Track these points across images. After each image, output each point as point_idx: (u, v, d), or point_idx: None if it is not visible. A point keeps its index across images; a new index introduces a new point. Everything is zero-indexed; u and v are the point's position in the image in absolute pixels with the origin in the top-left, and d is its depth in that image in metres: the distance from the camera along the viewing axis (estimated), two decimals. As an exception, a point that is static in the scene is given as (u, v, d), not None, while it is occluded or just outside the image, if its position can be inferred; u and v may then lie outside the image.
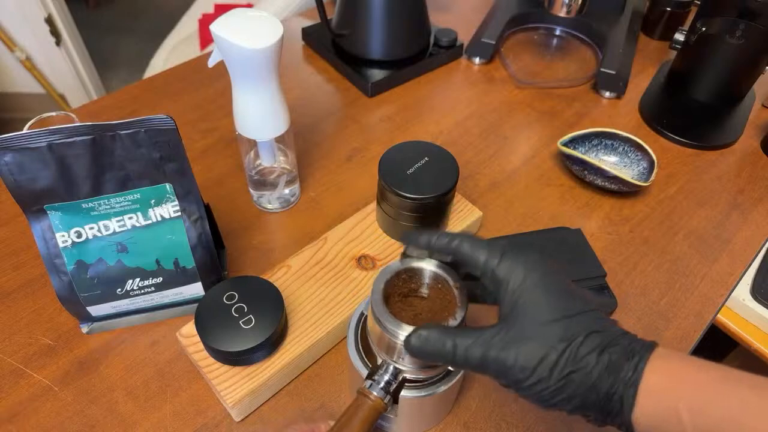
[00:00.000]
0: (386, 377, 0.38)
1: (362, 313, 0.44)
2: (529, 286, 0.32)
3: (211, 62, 0.51)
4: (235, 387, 0.45)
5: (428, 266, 0.39)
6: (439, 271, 0.39)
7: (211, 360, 0.47)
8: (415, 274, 0.40)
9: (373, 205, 0.59)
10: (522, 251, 0.34)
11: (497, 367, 0.31)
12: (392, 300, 0.39)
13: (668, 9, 0.89)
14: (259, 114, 0.52)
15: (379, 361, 0.39)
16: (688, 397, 0.28)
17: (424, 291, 0.41)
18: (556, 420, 0.48)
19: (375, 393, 0.37)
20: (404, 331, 0.36)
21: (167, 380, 0.49)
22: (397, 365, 0.38)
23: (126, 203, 0.47)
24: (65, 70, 1.75)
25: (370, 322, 0.39)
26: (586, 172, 0.65)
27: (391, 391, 0.38)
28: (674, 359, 0.30)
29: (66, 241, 0.46)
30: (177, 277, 0.50)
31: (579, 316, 0.31)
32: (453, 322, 0.36)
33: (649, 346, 0.31)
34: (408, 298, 0.41)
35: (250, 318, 0.46)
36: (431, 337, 0.34)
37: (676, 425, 0.28)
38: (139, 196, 0.47)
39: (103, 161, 0.44)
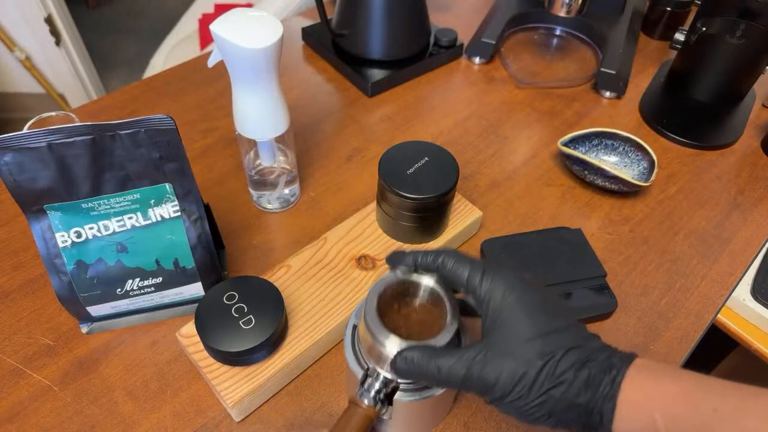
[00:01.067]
0: (377, 385, 0.38)
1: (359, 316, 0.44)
2: (508, 304, 0.33)
3: (211, 62, 0.51)
4: (235, 387, 0.45)
5: (423, 279, 0.40)
6: (434, 285, 0.39)
7: (211, 360, 0.47)
8: (409, 286, 0.40)
9: (373, 205, 0.59)
10: (503, 270, 0.35)
11: (479, 386, 0.32)
12: (385, 311, 0.40)
13: (668, 9, 0.89)
14: (258, 114, 0.52)
15: (371, 369, 0.39)
16: (664, 408, 0.29)
17: (418, 303, 0.41)
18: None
19: (366, 402, 0.37)
20: (394, 344, 0.36)
21: (167, 380, 0.49)
22: (387, 374, 0.38)
23: (126, 203, 0.47)
24: (65, 70, 1.75)
25: (362, 331, 0.39)
26: (586, 172, 0.65)
27: (382, 398, 0.38)
28: (651, 371, 0.31)
29: (66, 241, 0.46)
30: (177, 277, 0.50)
31: (557, 332, 0.32)
32: (443, 336, 0.37)
33: (628, 359, 0.31)
34: (401, 310, 0.41)
35: (250, 318, 0.46)
36: (415, 358, 0.35)
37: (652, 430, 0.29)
38: (138, 196, 0.47)
39: (103, 161, 0.44)
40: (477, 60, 0.85)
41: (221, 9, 1.55)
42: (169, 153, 0.45)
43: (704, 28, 0.73)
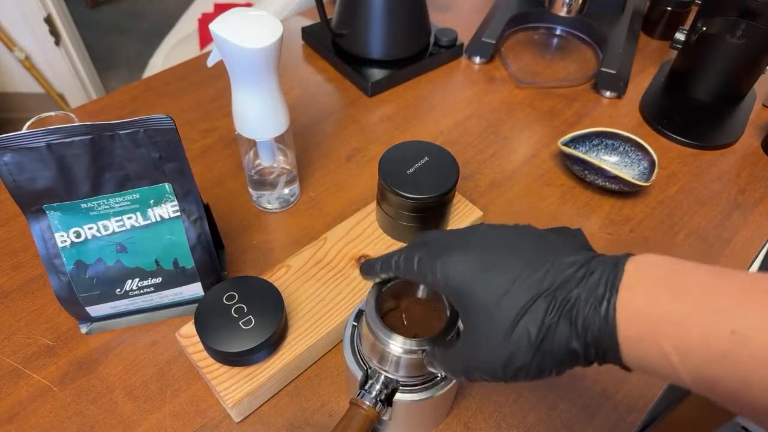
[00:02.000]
0: (378, 386, 0.38)
1: (358, 316, 0.44)
2: (460, 283, 0.31)
3: (211, 62, 0.51)
4: (234, 387, 0.45)
5: None
6: None
7: (211, 360, 0.47)
8: (406, 283, 0.40)
9: (373, 205, 0.59)
10: (442, 250, 0.32)
11: (483, 375, 0.31)
12: (386, 310, 0.40)
13: (669, 8, 0.89)
14: (258, 114, 0.52)
15: (372, 370, 0.39)
16: (671, 338, 0.25)
17: (417, 299, 0.41)
18: (556, 420, 0.48)
19: (368, 403, 0.37)
20: (397, 342, 0.36)
21: (167, 380, 0.49)
22: (389, 374, 0.38)
23: (125, 203, 0.47)
24: (64, 70, 1.75)
25: (364, 332, 0.39)
26: (586, 172, 0.65)
27: (383, 398, 0.38)
28: (648, 291, 0.26)
29: (65, 241, 0.46)
30: (176, 277, 0.50)
31: (514, 289, 0.29)
32: (445, 330, 0.37)
33: (613, 278, 0.27)
34: (401, 308, 0.41)
35: (250, 318, 0.46)
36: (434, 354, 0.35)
37: (669, 368, 0.26)
38: (138, 196, 0.47)
39: (102, 161, 0.44)
40: (477, 60, 0.85)
41: (221, 8, 1.55)
42: (168, 153, 0.45)
43: (704, 28, 0.73)
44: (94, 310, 0.50)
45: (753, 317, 0.23)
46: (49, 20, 1.62)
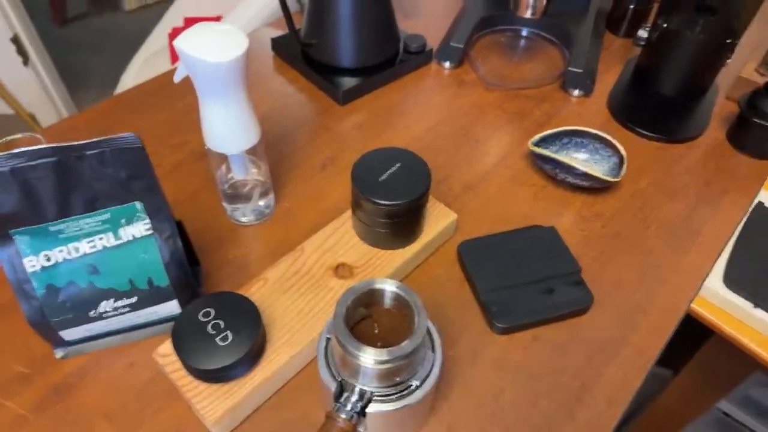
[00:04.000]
0: (353, 398, 0.38)
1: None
2: None
3: (177, 77, 0.51)
4: (214, 405, 0.45)
5: (386, 285, 0.40)
6: (397, 289, 0.40)
7: (190, 378, 0.46)
8: (374, 294, 0.41)
9: (349, 213, 0.59)
10: None
11: None
12: (355, 323, 0.40)
13: (631, 6, 0.91)
14: (228, 127, 0.52)
15: (345, 382, 0.39)
16: None
17: (385, 309, 0.42)
18: (538, 417, 0.49)
19: (343, 416, 0.37)
20: (367, 354, 0.36)
21: (146, 401, 0.49)
22: (363, 387, 0.38)
23: (95, 224, 0.46)
24: (34, 90, 1.72)
25: (335, 346, 0.39)
26: (557, 171, 0.66)
27: (359, 410, 0.38)
28: None
29: (34, 265, 0.45)
30: (151, 296, 0.50)
31: None
32: (413, 339, 0.37)
33: None
34: (370, 319, 0.41)
35: (227, 334, 0.46)
36: None
37: None
38: (108, 216, 0.46)
39: (69, 183, 0.43)
40: (447, 64, 0.86)
41: (190, 22, 1.54)
42: (136, 171, 0.45)
43: (665, 25, 0.75)
44: (68, 334, 0.49)
45: None
46: (15, 40, 1.59)
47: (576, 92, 0.82)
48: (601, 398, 0.50)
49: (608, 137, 0.68)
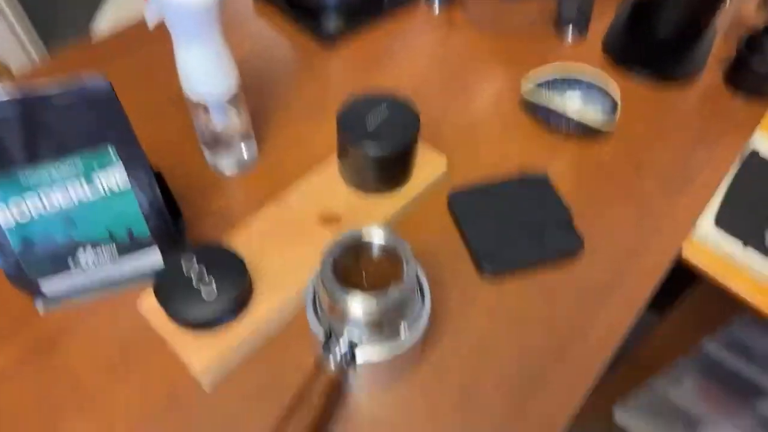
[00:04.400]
0: (342, 346, 0.38)
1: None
2: None
3: (150, 21, 0.47)
4: (201, 354, 0.44)
5: (374, 237, 0.39)
6: (386, 236, 0.39)
7: (176, 329, 0.45)
8: (362, 246, 0.40)
9: (335, 157, 0.57)
10: None
11: None
12: (343, 272, 0.39)
13: (629, -58, 0.87)
14: (205, 73, 0.49)
15: (334, 329, 0.39)
16: None
17: (374, 260, 0.41)
18: (529, 361, 0.49)
19: (331, 364, 0.37)
20: (355, 301, 0.35)
21: (132, 353, 0.48)
22: (351, 334, 0.38)
23: (67, 172, 0.44)
24: (5, 39, 1.65)
25: (321, 293, 0.38)
26: (550, 117, 0.64)
27: (348, 358, 0.38)
28: None
29: (8, 218, 0.43)
30: (132, 247, 0.48)
31: None
32: (402, 284, 0.36)
33: None
34: (358, 269, 0.40)
35: (212, 284, 0.44)
36: None
37: None
38: (80, 164, 0.44)
39: (36, 129, 0.41)
40: (436, 4, 0.82)
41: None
42: (108, 116, 0.42)
43: (665, -40, 0.71)
44: (48, 288, 0.48)
45: None
46: (-20, -15, 1.50)
47: (570, 34, 0.79)
48: (592, 340, 0.50)
49: (603, 81, 0.66)
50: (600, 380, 0.49)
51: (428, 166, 0.58)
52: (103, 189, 0.45)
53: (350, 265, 0.40)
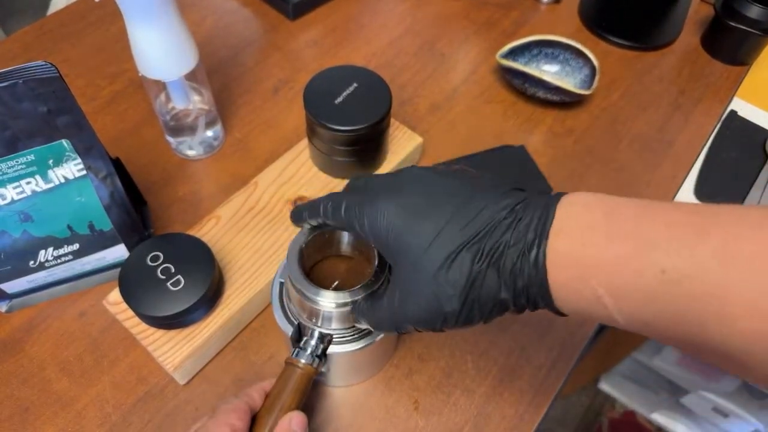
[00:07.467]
0: (312, 342, 0.37)
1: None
2: (387, 230, 0.29)
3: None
4: (173, 351, 0.43)
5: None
6: None
7: (145, 326, 0.44)
8: (329, 235, 0.38)
9: (306, 141, 0.55)
10: (374, 197, 0.30)
11: (411, 326, 0.30)
12: (311, 265, 0.37)
13: None
14: (160, 50, 0.46)
15: (304, 326, 0.37)
16: (602, 279, 0.24)
17: (343, 250, 0.39)
18: (509, 341, 0.48)
19: (303, 360, 0.36)
20: (325, 297, 0.34)
21: (102, 351, 0.46)
22: (322, 329, 0.36)
23: (19, 167, 0.41)
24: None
25: (290, 289, 0.37)
26: (527, 85, 0.62)
27: (320, 353, 0.36)
28: (577, 233, 0.25)
29: (-45, 217, 0.41)
30: (95, 241, 0.46)
31: (439, 239, 0.27)
32: (372, 281, 0.34)
33: (543, 222, 0.26)
34: (327, 260, 0.39)
35: (179, 277, 0.43)
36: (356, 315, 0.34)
37: (603, 311, 0.25)
38: (33, 158, 0.41)
39: (-21, 122, 0.38)
40: (407, -29, 0.79)
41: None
42: (58, 105, 0.39)
43: None
44: (9, 287, 0.46)
45: (680, 254, 0.22)
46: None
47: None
48: (572, 318, 0.50)
49: (580, 47, 0.64)
50: (583, 357, 0.49)
51: (403, 145, 0.56)
52: (60, 182, 0.43)
53: (316, 262, 0.38)
